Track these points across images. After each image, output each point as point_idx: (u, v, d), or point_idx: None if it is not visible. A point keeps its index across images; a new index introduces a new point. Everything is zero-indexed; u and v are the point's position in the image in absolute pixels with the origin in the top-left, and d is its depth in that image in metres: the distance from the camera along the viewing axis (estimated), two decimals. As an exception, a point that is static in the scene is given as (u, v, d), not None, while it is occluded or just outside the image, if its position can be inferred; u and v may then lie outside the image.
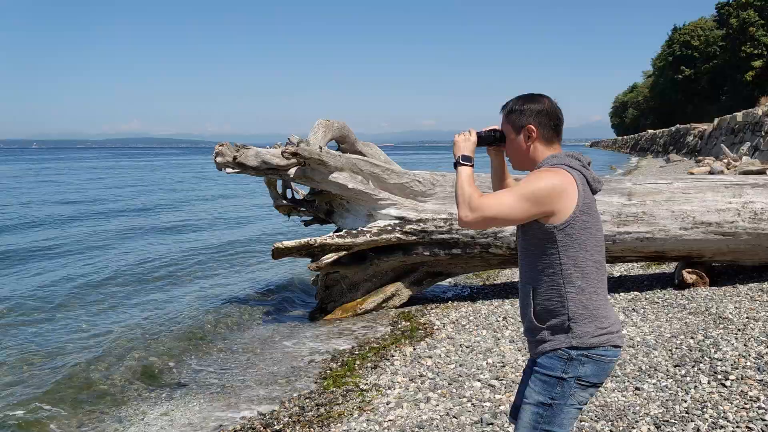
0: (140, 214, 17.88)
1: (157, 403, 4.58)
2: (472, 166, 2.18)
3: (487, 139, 2.27)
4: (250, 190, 22.87)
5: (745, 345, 4.54)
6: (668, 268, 7.44)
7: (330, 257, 6.40)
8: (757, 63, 43.82)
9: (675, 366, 4.30)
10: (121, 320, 6.82)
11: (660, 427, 3.46)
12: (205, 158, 66.87)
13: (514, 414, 2.30)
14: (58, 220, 16.26)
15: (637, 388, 3.97)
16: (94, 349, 5.84)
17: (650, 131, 56.79)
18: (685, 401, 3.73)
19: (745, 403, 3.60)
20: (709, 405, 3.63)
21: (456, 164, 2.18)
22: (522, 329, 5.34)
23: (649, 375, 4.19)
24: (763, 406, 3.55)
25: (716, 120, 29.62)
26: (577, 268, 2.07)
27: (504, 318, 5.88)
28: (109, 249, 11.66)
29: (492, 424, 3.67)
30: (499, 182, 2.41)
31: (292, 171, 6.16)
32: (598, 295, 2.11)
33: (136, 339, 6.11)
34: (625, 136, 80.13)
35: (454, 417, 3.81)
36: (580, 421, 3.53)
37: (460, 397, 4.10)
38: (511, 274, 7.94)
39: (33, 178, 36.95)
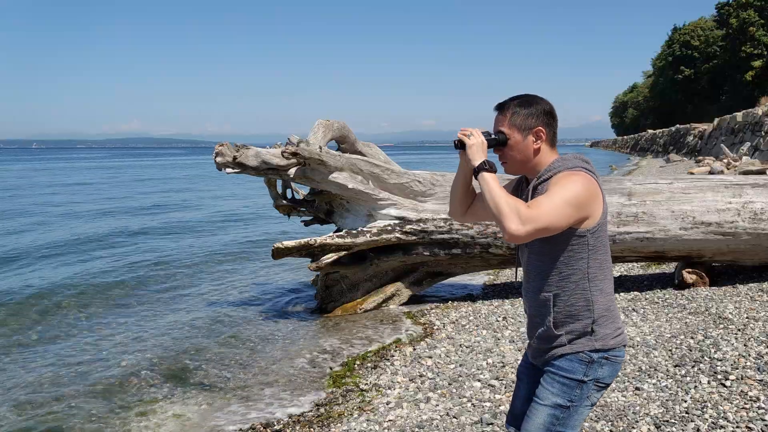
0: (140, 213, 17.88)
1: (155, 402, 4.57)
2: (495, 171, 2.03)
3: (490, 143, 2.11)
4: (250, 189, 22.88)
5: (745, 345, 4.54)
6: (668, 268, 7.44)
7: (330, 257, 6.40)
8: (757, 63, 43.81)
9: (675, 366, 4.30)
10: (119, 320, 6.82)
11: (660, 427, 3.46)
12: (205, 158, 66.93)
13: (512, 421, 2.28)
14: (58, 219, 16.28)
15: (637, 388, 3.97)
16: (95, 349, 5.85)
17: (650, 131, 56.80)
18: (685, 401, 3.73)
19: (745, 403, 3.61)
20: (709, 405, 3.63)
21: (478, 170, 2.00)
22: (523, 330, 5.32)
23: (649, 375, 4.19)
24: (763, 406, 3.55)
25: (716, 120, 29.62)
26: (601, 270, 2.07)
27: (504, 318, 5.88)
28: (109, 249, 11.66)
29: (492, 424, 3.67)
30: (465, 188, 2.26)
31: (292, 171, 6.16)
32: (613, 295, 2.13)
33: (135, 338, 6.12)
34: (625, 136, 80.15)
35: (454, 417, 3.81)
36: (580, 421, 3.53)
37: (460, 397, 4.10)
38: (510, 274, 7.94)
39: (43, 179, 36.94)
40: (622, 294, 6.39)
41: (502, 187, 1.97)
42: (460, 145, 2.11)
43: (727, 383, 3.90)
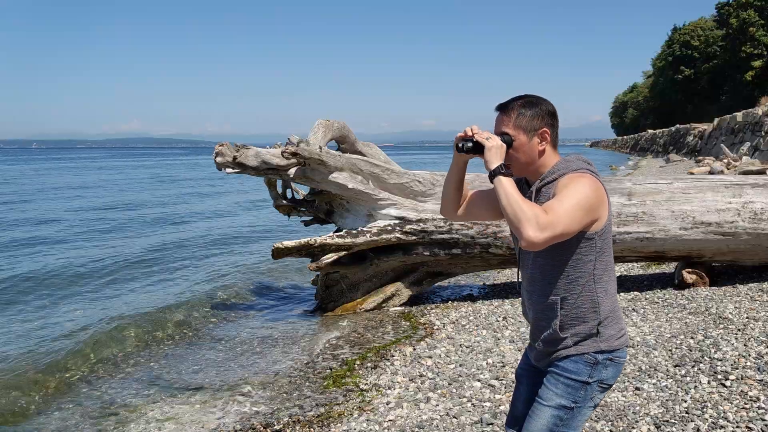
0: (142, 210, 17.88)
1: (155, 403, 4.57)
2: (512, 175, 2.00)
3: None
4: (251, 189, 22.90)
5: (745, 345, 4.54)
6: (668, 268, 7.44)
7: (330, 257, 6.40)
8: (757, 63, 43.81)
9: (675, 366, 4.30)
10: (117, 320, 6.81)
11: (660, 427, 3.46)
12: (205, 158, 66.92)
13: (513, 424, 2.27)
14: (67, 220, 16.28)
15: (637, 388, 3.97)
16: (92, 348, 5.84)
17: (650, 131, 56.81)
18: (685, 401, 3.73)
19: (745, 403, 3.61)
20: (709, 405, 3.63)
21: (495, 174, 1.95)
22: (523, 330, 5.31)
23: (649, 375, 4.19)
24: (763, 406, 3.55)
25: (716, 120, 29.63)
26: (606, 272, 2.06)
27: (504, 318, 5.88)
28: (109, 244, 11.66)
29: (492, 424, 3.67)
30: (458, 186, 2.25)
31: (292, 171, 6.16)
32: (616, 296, 2.13)
33: (134, 339, 6.11)
34: (625, 136, 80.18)
35: (454, 417, 3.81)
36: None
37: (460, 397, 4.10)
38: (510, 274, 7.93)
39: (45, 179, 36.94)
40: (622, 294, 6.38)
41: (519, 191, 1.93)
42: (474, 149, 2.04)
43: (727, 383, 3.90)
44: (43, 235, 13.51)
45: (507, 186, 1.92)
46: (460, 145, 2.07)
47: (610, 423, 3.54)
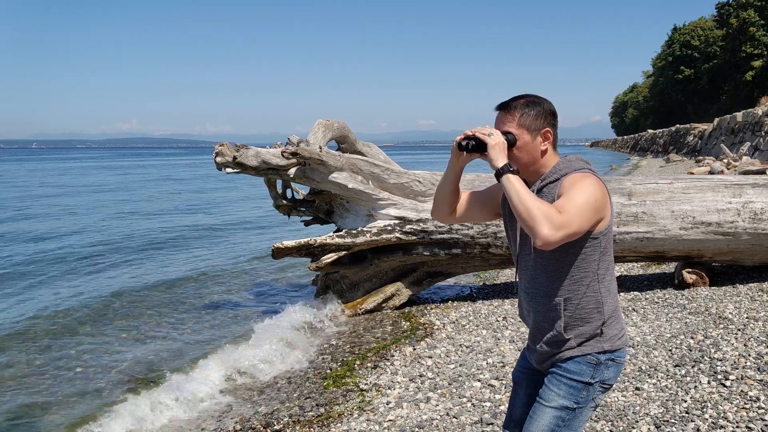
0: (137, 213, 17.88)
1: (156, 404, 4.57)
2: (520, 173, 1.97)
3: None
4: (250, 190, 22.90)
5: (745, 345, 4.54)
6: (668, 268, 7.44)
7: (330, 257, 6.40)
8: (757, 63, 43.82)
9: (675, 366, 4.30)
10: (118, 320, 6.81)
11: (660, 427, 3.46)
12: (205, 158, 66.90)
13: (511, 427, 2.26)
14: (57, 224, 16.28)
15: (637, 388, 3.97)
16: (90, 349, 5.84)
17: (650, 131, 56.83)
18: (685, 401, 3.73)
19: (745, 403, 3.61)
20: (709, 405, 3.63)
21: (503, 172, 1.92)
22: (524, 330, 5.30)
23: (649, 375, 4.19)
24: (763, 406, 3.55)
25: (716, 120, 29.63)
26: (609, 271, 2.06)
27: (504, 318, 5.88)
28: (106, 249, 11.66)
29: (492, 424, 3.67)
30: (454, 188, 2.23)
31: (292, 171, 6.16)
32: (617, 295, 2.12)
33: (134, 339, 6.11)
34: (625, 136, 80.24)
35: (454, 417, 3.81)
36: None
37: (460, 397, 4.10)
38: (510, 274, 7.93)
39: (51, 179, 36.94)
40: (622, 294, 6.38)
41: (528, 189, 1.90)
42: (477, 147, 2.01)
43: (727, 383, 3.90)
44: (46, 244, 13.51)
45: (517, 184, 1.89)
46: (463, 143, 2.04)
47: (610, 423, 3.54)
